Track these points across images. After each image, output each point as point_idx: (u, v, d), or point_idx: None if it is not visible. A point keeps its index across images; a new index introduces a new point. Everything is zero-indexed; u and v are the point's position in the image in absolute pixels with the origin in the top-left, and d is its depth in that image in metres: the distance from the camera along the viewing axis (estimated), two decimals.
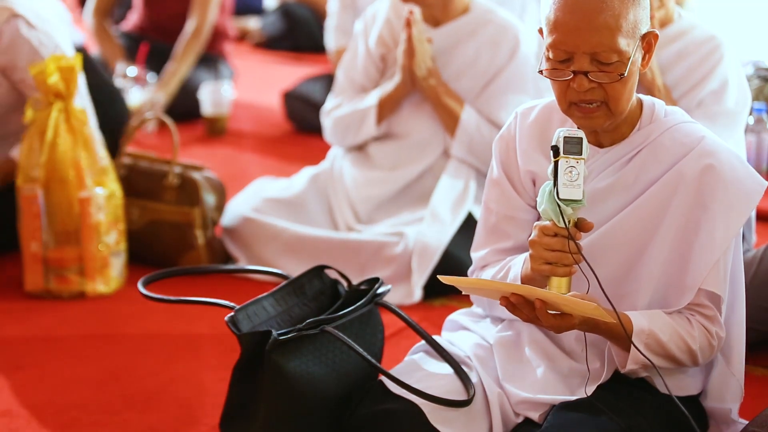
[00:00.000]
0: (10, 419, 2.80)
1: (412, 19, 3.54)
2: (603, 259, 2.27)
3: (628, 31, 2.17)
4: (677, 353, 2.25)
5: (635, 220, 2.28)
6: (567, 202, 2.15)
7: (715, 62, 3.19)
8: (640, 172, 2.28)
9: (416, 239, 3.52)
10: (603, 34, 2.16)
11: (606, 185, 2.29)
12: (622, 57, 2.17)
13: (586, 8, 2.16)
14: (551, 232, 2.17)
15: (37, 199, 3.48)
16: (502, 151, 2.41)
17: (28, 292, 3.54)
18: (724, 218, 2.24)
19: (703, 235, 2.25)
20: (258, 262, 3.65)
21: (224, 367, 2.71)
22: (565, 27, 2.17)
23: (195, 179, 3.75)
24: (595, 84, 2.18)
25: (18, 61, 3.59)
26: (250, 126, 5.52)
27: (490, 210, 2.43)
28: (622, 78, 2.18)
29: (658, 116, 2.30)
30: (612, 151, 2.30)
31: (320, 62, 6.37)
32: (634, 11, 2.18)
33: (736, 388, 2.37)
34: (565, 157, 2.16)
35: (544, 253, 2.18)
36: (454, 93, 3.65)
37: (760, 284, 2.96)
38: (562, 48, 2.18)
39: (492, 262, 2.43)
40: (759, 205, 3.24)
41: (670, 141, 2.28)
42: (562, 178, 2.15)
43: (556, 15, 2.19)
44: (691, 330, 2.26)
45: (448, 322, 2.57)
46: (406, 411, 2.27)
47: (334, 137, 3.83)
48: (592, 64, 2.18)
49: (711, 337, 2.27)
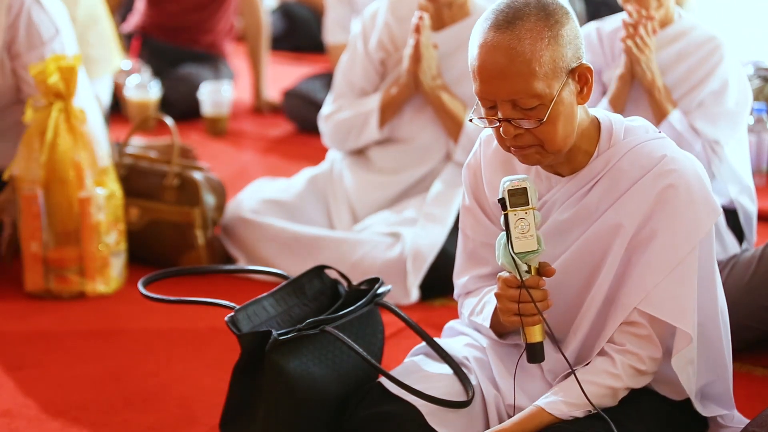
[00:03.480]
0: (10, 419, 2.80)
1: (421, 24, 3.54)
2: (561, 288, 2.26)
3: (546, 74, 2.12)
4: (613, 400, 2.23)
5: (588, 247, 2.26)
6: (522, 255, 2.15)
7: (716, 63, 3.19)
8: (600, 200, 2.25)
9: (410, 241, 3.52)
10: (516, 82, 2.12)
11: (568, 216, 2.27)
12: (544, 99, 2.13)
13: (498, 56, 2.12)
14: (514, 284, 2.18)
15: (37, 199, 3.48)
16: (471, 179, 2.39)
17: (28, 292, 3.54)
18: (672, 241, 2.19)
19: (646, 255, 2.20)
20: (257, 262, 3.66)
21: (224, 367, 2.71)
22: (482, 76, 2.15)
23: (195, 179, 3.75)
24: (522, 129, 2.15)
25: (21, 37, 3.57)
26: (250, 126, 5.52)
27: (467, 236, 2.43)
28: (545, 121, 2.13)
29: (617, 139, 2.24)
30: (573, 180, 2.26)
31: (320, 62, 6.36)
32: (552, 51, 2.12)
33: (725, 395, 2.36)
34: (512, 210, 2.16)
35: (510, 305, 2.19)
36: (458, 98, 3.65)
37: (759, 283, 2.96)
38: (484, 96, 2.17)
39: (473, 289, 2.44)
40: (759, 206, 3.26)
41: (629, 165, 2.23)
42: (514, 231, 2.15)
43: (474, 64, 2.16)
44: (615, 371, 2.22)
45: (446, 329, 2.57)
46: (404, 413, 2.27)
47: (334, 141, 3.82)
48: (514, 111, 2.14)
49: (640, 363, 2.23)
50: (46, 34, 3.59)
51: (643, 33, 3.17)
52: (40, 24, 3.58)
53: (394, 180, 3.74)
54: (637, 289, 2.21)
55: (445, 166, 3.71)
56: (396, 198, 3.74)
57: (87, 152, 3.51)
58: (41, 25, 3.58)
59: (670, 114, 3.16)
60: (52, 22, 3.60)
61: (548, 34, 2.12)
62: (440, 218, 3.59)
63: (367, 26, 3.79)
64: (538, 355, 2.22)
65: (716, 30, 3.24)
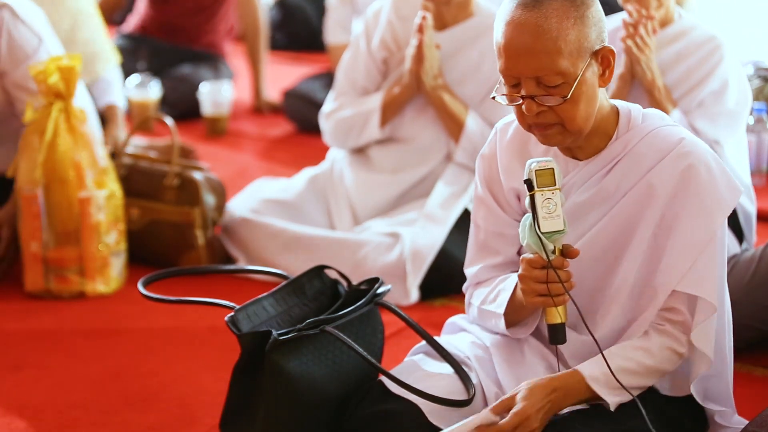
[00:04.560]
0: (10, 419, 2.80)
1: (424, 24, 3.54)
2: (583, 271, 2.27)
3: (571, 52, 2.16)
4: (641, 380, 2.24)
5: (613, 228, 2.28)
6: (549, 235, 2.16)
7: (716, 63, 3.19)
8: (620, 182, 2.28)
9: (410, 242, 3.52)
10: (542, 58, 2.15)
11: (586, 198, 2.29)
12: (567, 78, 2.17)
13: (525, 33, 2.16)
14: (538, 264, 2.19)
15: (37, 199, 3.48)
16: (485, 169, 2.41)
17: (28, 292, 3.54)
18: (699, 220, 2.23)
19: (676, 237, 2.23)
20: (257, 262, 3.66)
21: (224, 367, 2.70)
22: (508, 53, 2.18)
23: (195, 179, 3.75)
24: (545, 107, 2.18)
25: (3, 56, 3.55)
26: (250, 126, 5.52)
27: (478, 227, 2.44)
28: (569, 99, 2.17)
29: (635, 123, 2.29)
30: (591, 163, 2.29)
31: (320, 61, 6.36)
32: (577, 30, 2.16)
33: (725, 393, 2.36)
34: (539, 190, 2.17)
35: (534, 287, 2.20)
36: (459, 98, 3.65)
37: (760, 283, 2.96)
38: (509, 74, 2.19)
39: (484, 279, 2.44)
40: (759, 206, 3.26)
41: (647, 147, 2.26)
42: (541, 211, 2.16)
43: (500, 41, 2.19)
44: (650, 347, 2.24)
45: (447, 324, 2.58)
46: (405, 411, 2.27)
47: (334, 140, 3.82)
48: (538, 88, 2.18)
49: (680, 346, 2.25)
50: (30, 47, 3.57)
51: (643, 33, 3.17)
52: (22, 38, 3.56)
53: (394, 180, 3.74)
54: (673, 271, 2.23)
55: (445, 166, 3.71)
56: (396, 198, 3.74)
57: (87, 152, 3.51)
58: (23, 39, 3.56)
59: (670, 114, 3.16)
60: (33, 33, 3.58)
61: (575, 14, 2.16)
62: (440, 218, 3.59)
63: (370, 25, 3.79)
64: (560, 336, 2.22)
65: (716, 30, 3.24)
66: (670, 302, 2.25)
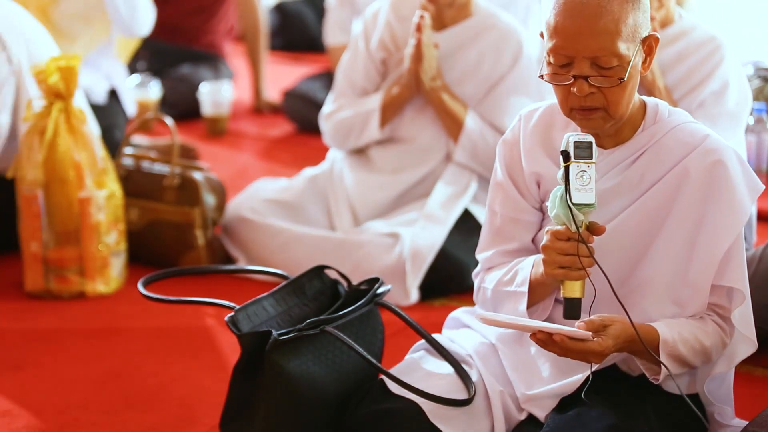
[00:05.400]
0: (10, 419, 2.80)
1: (423, 23, 3.53)
2: (608, 258, 2.27)
3: (628, 35, 2.18)
4: (694, 358, 2.26)
5: (639, 219, 2.29)
6: (579, 207, 2.17)
7: (716, 63, 3.19)
8: (645, 172, 2.29)
9: (409, 242, 3.51)
10: (603, 39, 2.17)
11: (611, 186, 2.30)
12: (622, 61, 2.19)
13: (586, 13, 2.17)
14: (564, 236, 2.19)
15: (37, 199, 3.48)
16: (506, 154, 2.42)
17: (28, 292, 3.54)
18: (730, 213, 2.26)
19: (708, 229, 2.26)
20: (257, 262, 3.65)
21: (224, 367, 2.71)
22: (566, 32, 2.19)
23: (195, 179, 3.75)
24: (595, 88, 2.20)
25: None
26: (250, 126, 5.52)
27: (494, 212, 2.44)
28: (622, 82, 2.19)
29: (662, 117, 2.31)
30: (616, 152, 2.31)
31: (320, 62, 6.36)
32: (634, 15, 2.19)
33: (725, 391, 2.37)
34: (576, 161, 2.18)
35: (557, 258, 2.20)
36: (459, 98, 3.65)
37: (760, 283, 2.96)
38: (563, 53, 2.20)
39: (497, 263, 2.44)
40: (759, 206, 3.26)
41: (674, 141, 2.29)
42: (575, 182, 2.17)
43: (557, 20, 2.20)
44: (706, 328, 2.27)
45: (449, 319, 2.58)
46: (406, 410, 2.27)
47: (334, 140, 3.82)
48: (592, 69, 2.19)
49: (727, 336, 2.29)
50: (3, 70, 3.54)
51: None
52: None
53: (394, 180, 3.74)
54: (709, 266, 2.25)
55: (445, 166, 3.71)
56: (396, 198, 3.74)
57: (87, 152, 3.51)
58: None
59: None
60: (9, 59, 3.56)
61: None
62: (440, 219, 3.59)
63: (368, 25, 3.79)
64: (575, 311, 2.22)
65: (716, 30, 3.24)
66: (716, 298, 2.28)
